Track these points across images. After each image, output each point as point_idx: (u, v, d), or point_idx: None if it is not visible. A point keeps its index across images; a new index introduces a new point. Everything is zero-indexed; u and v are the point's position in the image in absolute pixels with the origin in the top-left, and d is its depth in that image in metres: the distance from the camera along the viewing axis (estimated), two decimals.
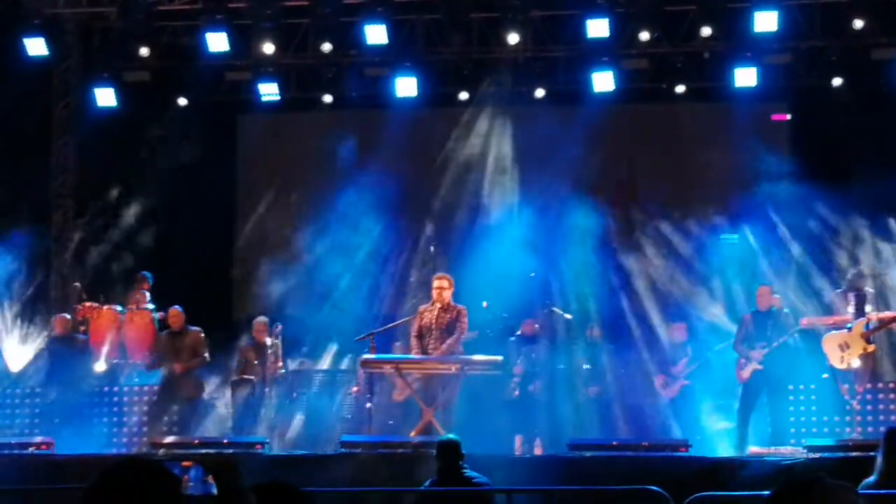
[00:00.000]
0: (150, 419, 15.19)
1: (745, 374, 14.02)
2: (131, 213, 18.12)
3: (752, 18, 16.34)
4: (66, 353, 15.59)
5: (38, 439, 13.69)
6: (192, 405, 15.19)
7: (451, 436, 10.03)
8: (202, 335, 15.44)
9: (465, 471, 9.38)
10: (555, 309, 16.61)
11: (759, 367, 13.86)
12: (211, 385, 16.09)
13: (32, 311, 17.25)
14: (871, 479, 8.00)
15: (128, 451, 14.98)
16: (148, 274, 17.11)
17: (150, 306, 16.58)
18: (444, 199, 18.54)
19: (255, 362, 15.43)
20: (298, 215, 18.43)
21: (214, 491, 3.75)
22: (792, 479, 3.61)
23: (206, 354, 15.43)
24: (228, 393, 15.91)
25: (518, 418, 15.29)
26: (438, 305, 13.95)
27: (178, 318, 15.40)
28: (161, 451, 12.74)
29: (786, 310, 14.50)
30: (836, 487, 3.51)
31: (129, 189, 18.24)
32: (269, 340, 15.65)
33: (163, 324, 16.01)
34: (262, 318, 16.07)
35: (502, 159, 18.47)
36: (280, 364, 15.61)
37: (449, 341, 13.78)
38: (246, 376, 15.41)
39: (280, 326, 15.94)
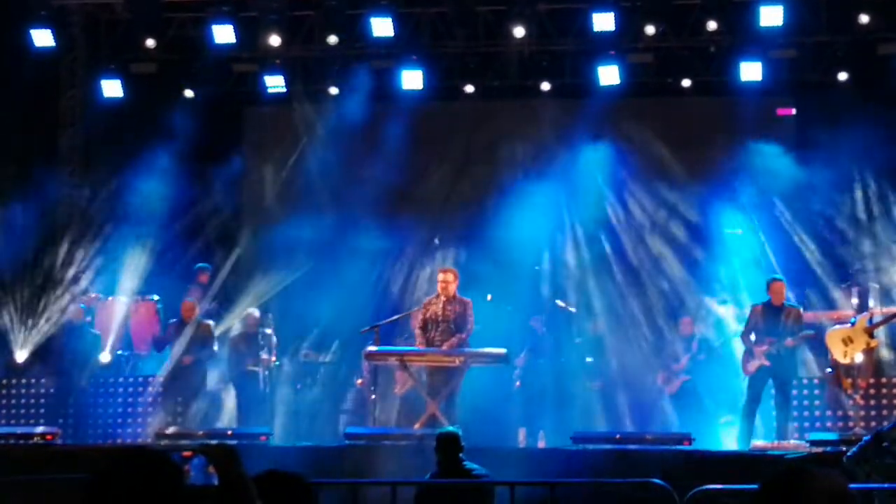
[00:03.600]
0: (157, 410, 15.23)
1: (752, 367, 13.80)
2: (137, 205, 18.15)
3: (757, 13, 16.32)
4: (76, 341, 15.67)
5: (45, 429, 13.75)
6: (197, 397, 15.24)
7: (450, 428, 10.08)
8: (211, 327, 15.49)
9: (464, 463, 9.43)
10: (558, 302, 16.67)
11: (767, 362, 13.65)
12: (214, 377, 16.15)
13: (39, 301, 17.28)
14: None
15: (132, 441, 15.04)
16: (206, 266, 17.20)
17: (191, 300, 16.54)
18: (449, 192, 18.58)
19: (248, 353, 15.50)
20: (303, 207, 18.44)
21: (216, 481, 3.77)
22: (780, 468, 3.65)
23: (215, 347, 15.48)
24: (231, 384, 15.97)
25: (522, 411, 15.34)
26: (444, 298, 13.99)
27: (190, 309, 15.40)
28: (165, 441, 12.81)
29: (797, 306, 14.28)
30: (825, 475, 3.55)
31: (135, 180, 18.25)
32: (260, 332, 15.72)
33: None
34: (253, 310, 16.13)
35: (509, 153, 18.51)
36: (274, 357, 15.66)
37: (456, 338, 13.79)
38: (251, 368, 15.47)
39: (271, 317, 16.00)
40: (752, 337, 13.85)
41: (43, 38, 17.32)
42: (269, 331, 15.98)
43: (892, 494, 8.14)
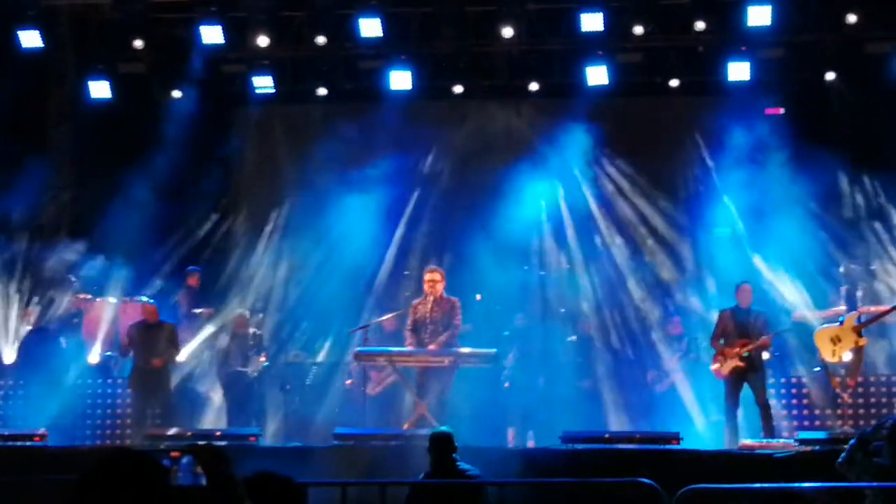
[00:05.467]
0: (133, 414, 15.18)
1: (725, 370, 13.89)
2: (126, 205, 18.12)
3: (745, 12, 16.34)
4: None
5: (33, 431, 13.71)
6: (170, 397, 15.21)
7: (443, 428, 10.06)
8: (175, 329, 15.48)
9: (458, 463, 9.41)
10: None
11: (741, 363, 13.74)
12: (202, 378, 16.13)
13: (28, 302, 17.23)
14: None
15: (120, 442, 15.01)
16: (196, 268, 17.20)
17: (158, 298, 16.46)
18: (438, 191, 18.59)
19: (238, 354, 15.47)
20: (293, 207, 18.46)
21: (204, 481, 3.78)
22: (767, 496, 3.64)
23: (180, 348, 15.49)
24: (220, 385, 15.95)
25: (511, 411, 15.34)
26: (432, 298, 14.01)
27: (152, 311, 15.39)
28: (153, 442, 12.79)
29: (764, 311, 14.41)
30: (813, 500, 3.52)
31: (123, 180, 18.22)
32: (250, 333, 15.70)
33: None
34: (242, 311, 16.12)
35: (498, 153, 18.52)
36: (263, 356, 15.64)
37: (444, 336, 13.81)
38: (241, 369, 15.46)
39: (262, 317, 15.97)
40: (721, 342, 14.00)
41: (31, 38, 17.27)
42: (258, 331, 15.98)
43: (881, 493, 8.15)
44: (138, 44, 17.79)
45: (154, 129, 17.79)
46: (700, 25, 16.96)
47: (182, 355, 15.83)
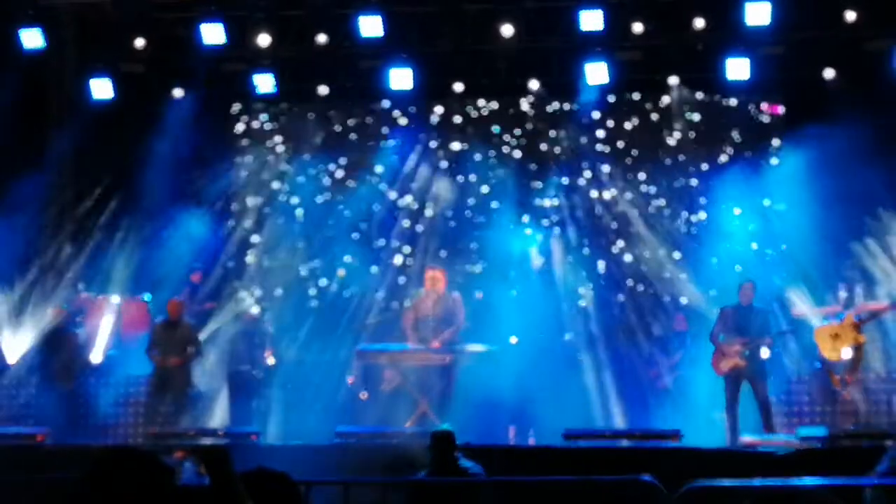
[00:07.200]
0: (145, 412, 15.20)
1: (725, 367, 13.95)
2: (127, 205, 18.13)
3: (744, 10, 16.33)
4: (59, 345, 15.65)
5: (33, 430, 13.73)
6: (185, 396, 15.21)
7: (445, 426, 10.08)
8: (194, 327, 15.48)
9: (459, 461, 9.43)
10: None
11: (742, 362, 13.81)
12: (204, 376, 16.15)
13: (28, 302, 17.26)
14: (882, 466, 8.14)
15: (123, 441, 15.02)
16: (198, 265, 17.22)
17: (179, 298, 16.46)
18: (439, 188, 18.60)
19: (245, 352, 15.50)
20: (294, 206, 18.46)
21: (207, 482, 3.80)
22: (768, 492, 3.63)
23: (200, 346, 15.48)
24: (223, 383, 15.97)
25: (512, 408, 15.36)
26: (434, 296, 14.03)
27: (177, 308, 15.35)
28: (156, 441, 12.80)
29: (767, 308, 14.47)
30: (820, 498, 3.52)
31: (124, 180, 18.24)
32: (258, 330, 15.72)
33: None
34: (251, 308, 16.13)
35: (497, 150, 18.54)
36: (270, 354, 15.66)
37: (447, 333, 13.84)
38: (246, 368, 15.47)
39: (269, 315, 15.99)
40: (721, 338, 14.11)
41: (32, 37, 17.26)
42: (268, 329, 15.98)
43: (885, 492, 8.14)
44: (139, 43, 17.80)
45: (155, 128, 17.80)
46: (699, 23, 16.96)
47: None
